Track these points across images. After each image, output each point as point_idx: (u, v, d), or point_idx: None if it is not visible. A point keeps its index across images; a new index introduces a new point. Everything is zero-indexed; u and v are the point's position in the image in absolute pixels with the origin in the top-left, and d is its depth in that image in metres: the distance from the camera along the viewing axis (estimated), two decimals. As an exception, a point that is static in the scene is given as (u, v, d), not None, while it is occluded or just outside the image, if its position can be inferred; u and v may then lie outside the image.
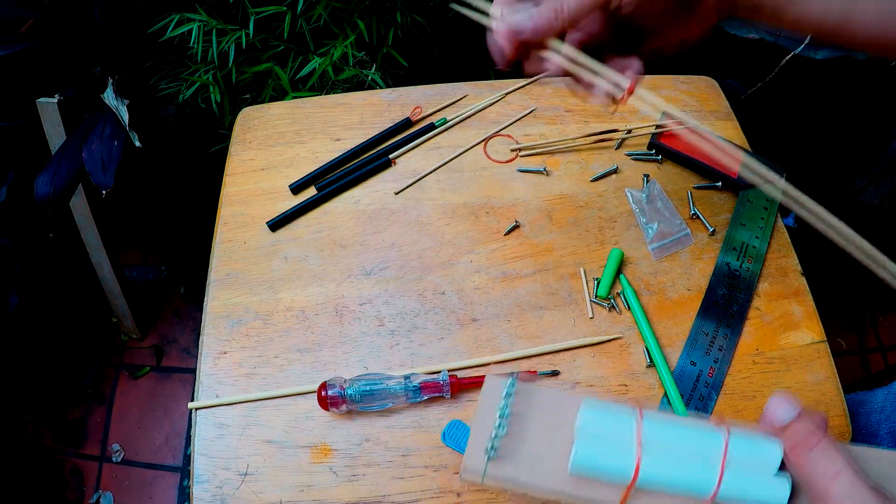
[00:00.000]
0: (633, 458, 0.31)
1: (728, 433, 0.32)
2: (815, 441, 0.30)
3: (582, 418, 0.33)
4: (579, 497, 0.32)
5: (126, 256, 1.27)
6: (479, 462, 0.32)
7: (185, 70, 0.88)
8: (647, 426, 0.32)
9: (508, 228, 0.56)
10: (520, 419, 0.34)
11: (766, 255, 0.55)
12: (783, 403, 0.32)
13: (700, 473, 0.31)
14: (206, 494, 0.45)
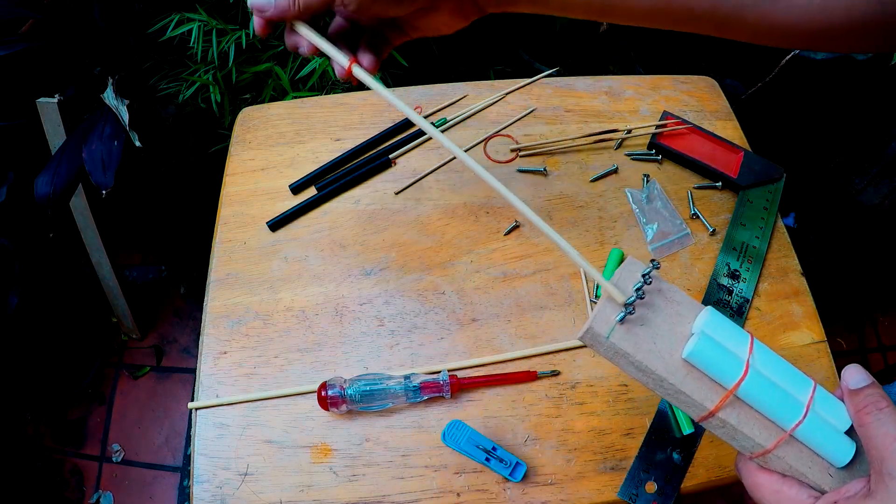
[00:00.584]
0: (741, 367, 0.33)
1: (815, 383, 0.34)
2: (884, 405, 0.32)
3: (707, 319, 0.35)
4: (681, 389, 0.34)
5: (126, 256, 1.27)
6: (607, 323, 0.34)
7: (185, 70, 0.88)
8: (757, 348, 0.35)
9: (508, 228, 0.56)
10: (648, 300, 0.36)
11: (766, 255, 0.55)
12: (858, 371, 0.34)
13: (788, 405, 0.33)
14: (206, 494, 0.45)
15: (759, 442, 0.34)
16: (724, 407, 0.34)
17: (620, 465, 0.46)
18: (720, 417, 0.34)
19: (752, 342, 0.35)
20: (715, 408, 0.34)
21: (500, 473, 0.45)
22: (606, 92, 0.65)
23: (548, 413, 0.48)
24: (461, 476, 0.45)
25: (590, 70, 0.90)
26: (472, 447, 0.44)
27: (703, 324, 0.35)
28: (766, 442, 0.34)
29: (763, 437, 0.34)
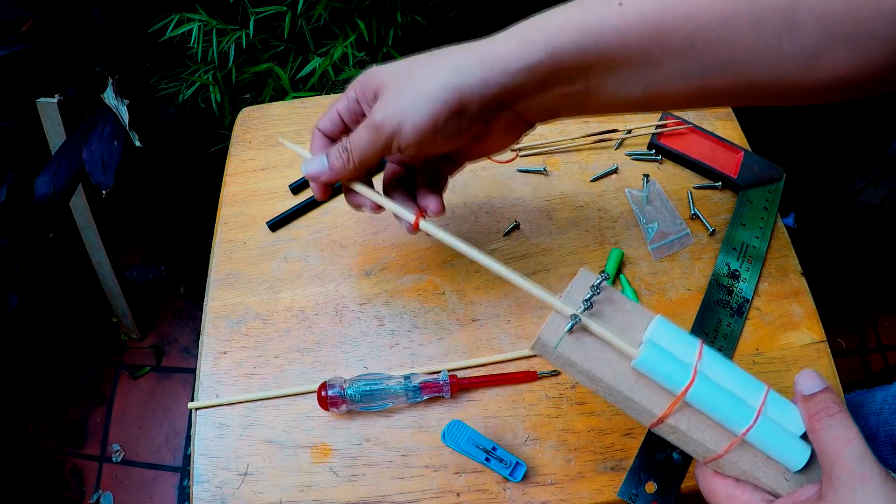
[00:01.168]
0: (689, 373, 0.34)
1: (767, 389, 0.35)
2: (836, 411, 0.32)
3: (653, 329, 0.36)
4: (629, 396, 0.35)
5: (126, 256, 1.27)
6: (556, 334, 0.36)
7: (185, 70, 0.88)
8: (707, 355, 0.35)
9: (508, 228, 0.56)
10: (598, 312, 0.37)
11: (766, 255, 0.55)
12: (811, 377, 0.34)
13: (739, 410, 0.34)
14: (206, 494, 0.45)
15: (711, 447, 0.34)
16: (674, 413, 0.34)
17: (620, 465, 0.46)
18: (670, 424, 0.34)
19: (700, 349, 0.35)
20: (664, 414, 0.34)
21: (500, 473, 0.45)
22: (606, 92, 0.65)
23: (548, 413, 0.48)
24: (461, 476, 0.45)
25: (590, 70, 0.90)
26: (472, 447, 0.44)
27: (651, 332, 0.36)
28: (717, 447, 0.34)
29: (714, 442, 0.34)
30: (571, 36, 0.34)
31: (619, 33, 0.34)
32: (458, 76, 0.36)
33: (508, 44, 0.35)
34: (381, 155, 0.39)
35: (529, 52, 0.35)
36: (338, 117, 0.43)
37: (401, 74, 0.38)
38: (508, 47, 0.35)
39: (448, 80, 0.36)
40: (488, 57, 0.36)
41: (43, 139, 0.88)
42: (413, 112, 0.36)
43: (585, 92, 0.36)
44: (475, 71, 0.35)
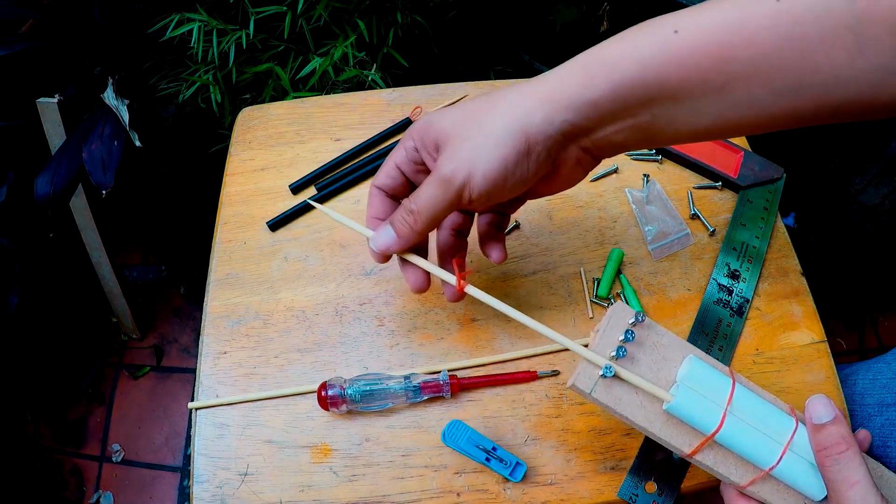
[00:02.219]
0: (718, 417, 0.35)
1: (797, 424, 0.36)
2: (844, 448, 0.33)
3: (686, 370, 0.37)
4: (662, 437, 0.36)
5: (126, 256, 1.27)
6: (591, 378, 0.37)
7: (185, 70, 0.88)
8: (737, 394, 0.36)
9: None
10: (633, 348, 0.38)
11: (766, 255, 0.55)
12: (822, 404, 0.35)
13: (766, 447, 0.35)
14: (206, 494, 0.45)
15: (735, 480, 0.36)
16: (701, 451, 0.36)
17: (620, 465, 0.46)
18: (697, 459, 0.36)
19: (732, 388, 0.37)
20: (691, 452, 0.36)
21: (500, 473, 0.45)
22: (606, 92, 0.65)
23: (548, 413, 0.48)
24: (461, 476, 0.45)
25: (590, 70, 0.90)
26: (472, 447, 0.44)
27: (683, 376, 0.37)
28: (741, 480, 0.36)
29: (738, 475, 0.36)
30: (632, 69, 0.33)
31: (678, 64, 0.33)
32: (521, 117, 0.35)
33: (569, 80, 0.35)
34: (452, 210, 0.38)
35: (591, 87, 0.34)
36: (397, 171, 0.41)
37: (462, 122, 0.36)
38: (570, 83, 0.35)
39: (512, 122, 0.35)
40: (550, 94, 0.35)
41: (43, 139, 0.88)
42: (482, 160, 0.35)
43: (651, 124, 0.35)
44: (538, 110, 0.35)
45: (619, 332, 0.38)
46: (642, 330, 0.38)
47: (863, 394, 0.54)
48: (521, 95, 0.35)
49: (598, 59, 0.34)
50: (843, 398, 0.49)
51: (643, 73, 0.33)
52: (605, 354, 0.37)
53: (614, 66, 0.34)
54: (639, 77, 0.33)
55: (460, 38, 1.06)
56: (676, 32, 0.33)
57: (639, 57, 0.33)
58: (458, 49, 1.07)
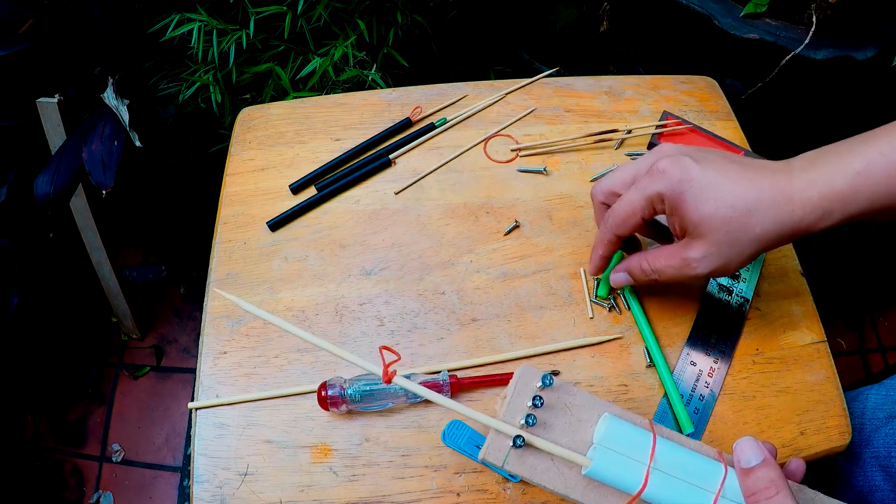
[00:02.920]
0: (642, 475, 0.34)
1: (726, 469, 0.35)
2: (774, 492, 0.32)
3: (603, 431, 0.35)
4: (585, 502, 0.35)
5: (126, 256, 1.27)
6: (502, 449, 0.35)
7: (185, 70, 0.88)
8: (659, 448, 0.35)
9: (508, 228, 0.56)
10: (545, 413, 0.36)
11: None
12: (749, 448, 0.34)
13: (697, 498, 0.34)
14: (206, 494, 0.45)
15: None
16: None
17: (620, 465, 0.46)
18: None
19: (654, 442, 0.35)
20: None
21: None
22: (606, 92, 0.65)
23: (548, 413, 0.48)
24: (461, 476, 0.45)
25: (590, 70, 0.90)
26: (472, 447, 0.44)
27: (600, 437, 0.35)
28: None
29: None
30: (862, 204, 0.38)
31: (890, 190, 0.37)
32: (772, 243, 0.40)
33: (811, 214, 0.39)
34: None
35: (827, 219, 0.39)
36: (640, 222, 0.44)
37: (720, 228, 0.40)
38: (811, 218, 0.39)
39: (763, 246, 0.40)
40: (794, 225, 0.39)
41: (43, 139, 0.88)
42: (732, 268, 0.42)
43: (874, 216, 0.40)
44: (782, 236, 0.40)
45: (527, 397, 0.36)
46: (552, 393, 0.37)
47: (874, 408, 0.54)
48: (774, 224, 0.39)
49: (836, 196, 0.38)
50: (844, 399, 0.49)
51: (871, 205, 0.38)
52: (514, 423, 0.35)
53: (848, 202, 0.38)
54: (867, 206, 0.38)
55: (460, 38, 1.06)
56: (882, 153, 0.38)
57: (869, 194, 0.38)
58: (458, 49, 1.07)
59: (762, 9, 0.83)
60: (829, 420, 0.48)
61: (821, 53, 0.82)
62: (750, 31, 0.83)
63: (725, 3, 0.85)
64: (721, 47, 0.87)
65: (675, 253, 0.43)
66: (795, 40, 0.82)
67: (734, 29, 0.83)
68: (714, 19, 0.84)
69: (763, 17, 0.84)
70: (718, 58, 0.89)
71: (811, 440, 0.47)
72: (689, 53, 0.94)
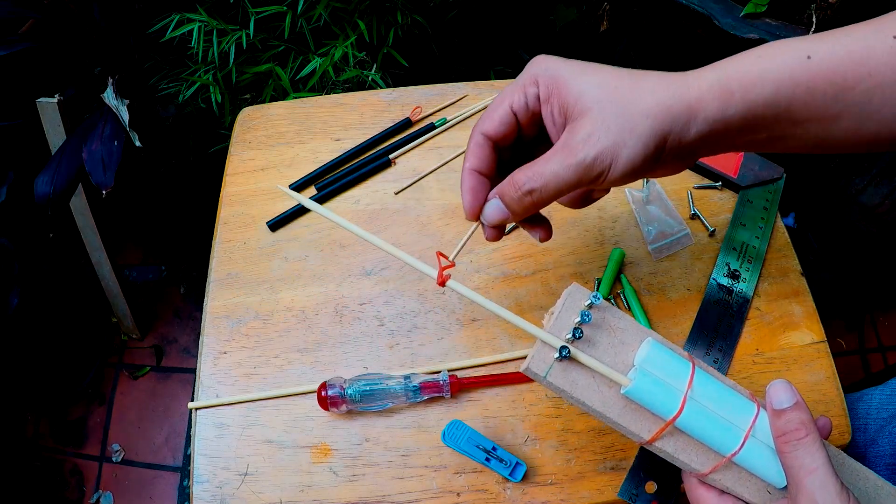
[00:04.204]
0: (678, 401, 0.34)
1: (759, 409, 0.35)
2: (803, 434, 0.32)
3: (644, 355, 0.36)
4: (620, 423, 0.35)
5: (126, 256, 1.27)
6: (546, 361, 0.35)
7: (185, 70, 0.88)
8: (697, 378, 0.35)
9: (509, 228, 0.56)
10: (590, 330, 0.36)
11: (766, 255, 0.55)
12: (783, 390, 0.34)
13: (728, 433, 0.34)
14: (206, 494, 0.45)
15: (695, 467, 0.35)
16: (661, 438, 0.35)
17: (620, 465, 0.46)
18: (657, 446, 0.35)
19: (692, 373, 0.35)
20: (651, 439, 0.35)
21: (500, 473, 0.45)
22: (606, 92, 0.65)
23: (548, 413, 0.48)
24: (461, 476, 0.45)
25: (590, 70, 0.90)
26: (472, 447, 0.44)
27: (642, 359, 0.36)
28: (702, 467, 0.35)
29: (699, 462, 0.35)
30: (767, 90, 0.34)
31: (808, 90, 0.34)
32: (667, 121, 0.34)
33: (708, 93, 0.35)
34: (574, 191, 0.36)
35: (728, 105, 0.34)
36: (512, 118, 0.37)
37: (603, 99, 0.34)
38: (709, 97, 0.34)
39: (658, 123, 0.34)
40: (689, 105, 0.34)
41: (43, 139, 0.88)
42: (625, 154, 0.34)
43: (764, 140, 0.36)
44: (681, 117, 0.34)
45: (574, 313, 0.36)
46: (599, 312, 0.36)
47: (879, 408, 0.54)
48: (667, 93, 0.35)
49: (736, 76, 0.35)
50: (844, 399, 0.49)
51: (776, 95, 0.34)
52: (560, 336, 0.35)
53: (751, 85, 0.34)
54: (771, 99, 0.34)
55: (460, 38, 1.06)
56: (809, 58, 0.34)
57: (774, 78, 0.34)
58: (458, 49, 1.07)
59: (762, 9, 0.83)
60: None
61: (821, 53, 0.82)
62: (750, 31, 0.83)
63: (725, 3, 0.85)
64: (721, 47, 0.87)
65: (554, 150, 0.35)
66: (795, 40, 0.82)
67: (734, 29, 0.83)
68: (714, 19, 0.84)
69: (763, 17, 0.84)
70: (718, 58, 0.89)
71: (811, 440, 0.47)
72: (689, 53, 0.94)
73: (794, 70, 0.34)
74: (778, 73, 0.34)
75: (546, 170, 0.35)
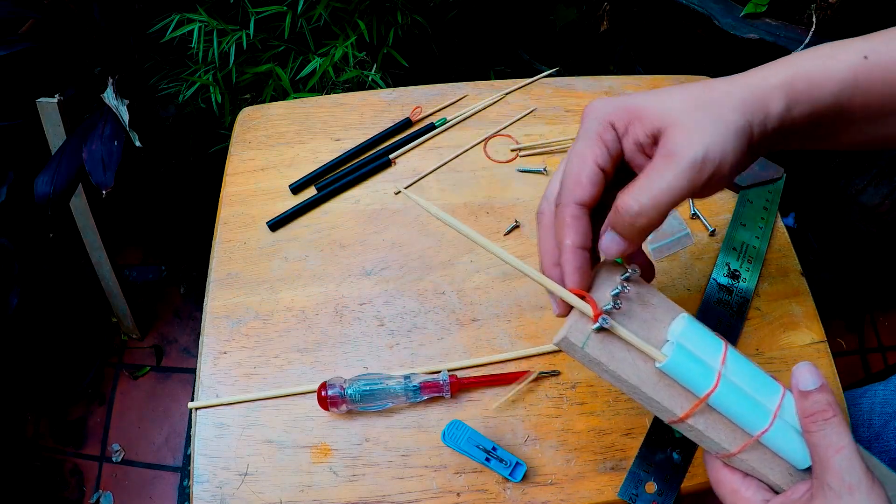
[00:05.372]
0: (713, 378, 0.34)
1: (784, 390, 0.35)
2: (831, 414, 0.33)
3: (679, 330, 0.36)
4: (654, 398, 0.35)
5: (126, 256, 1.27)
6: (583, 331, 0.35)
7: (185, 70, 0.88)
8: (730, 356, 0.35)
9: (508, 228, 0.56)
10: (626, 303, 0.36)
11: (766, 255, 0.55)
12: (809, 372, 0.34)
13: (757, 412, 0.34)
14: (206, 494, 0.45)
15: (725, 446, 0.35)
16: (693, 415, 0.35)
17: (620, 465, 0.46)
18: (688, 423, 0.35)
19: (725, 351, 0.36)
20: (684, 415, 0.35)
21: (500, 473, 0.45)
22: (606, 92, 0.65)
23: (548, 413, 0.48)
24: (461, 476, 0.45)
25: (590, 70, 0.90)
26: (472, 447, 0.44)
27: (678, 334, 0.36)
28: (731, 447, 0.35)
29: (728, 441, 0.35)
30: (831, 90, 0.35)
31: (865, 90, 0.35)
32: (751, 115, 0.34)
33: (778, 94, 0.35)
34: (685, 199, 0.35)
35: (796, 105, 0.35)
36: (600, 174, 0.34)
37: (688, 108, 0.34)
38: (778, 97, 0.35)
39: (744, 117, 0.34)
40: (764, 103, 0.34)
41: (43, 139, 0.88)
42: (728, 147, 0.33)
43: (823, 137, 0.37)
44: (759, 114, 0.34)
45: (609, 286, 0.35)
46: (633, 287, 0.36)
47: (883, 404, 0.54)
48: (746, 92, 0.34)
49: (803, 76, 0.35)
50: (844, 399, 0.49)
51: (838, 97, 0.35)
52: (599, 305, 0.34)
53: (816, 85, 0.35)
54: (834, 100, 0.35)
55: (460, 38, 1.06)
56: (866, 58, 0.35)
57: (838, 78, 0.35)
58: (458, 49, 1.07)
59: (762, 9, 0.83)
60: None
61: (821, 53, 0.82)
62: (750, 31, 0.83)
63: (725, 3, 0.85)
64: (721, 47, 0.87)
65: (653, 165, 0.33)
66: (795, 40, 0.82)
67: (734, 29, 0.83)
68: (714, 19, 0.84)
69: (763, 17, 0.84)
70: (718, 58, 0.89)
71: (811, 440, 0.47)
72: (689, 53, 0.94)
73: (853, 71, 0.35)
74: (840, 72, 0.35)
75: (653, 185, 0.33)
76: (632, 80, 0.67)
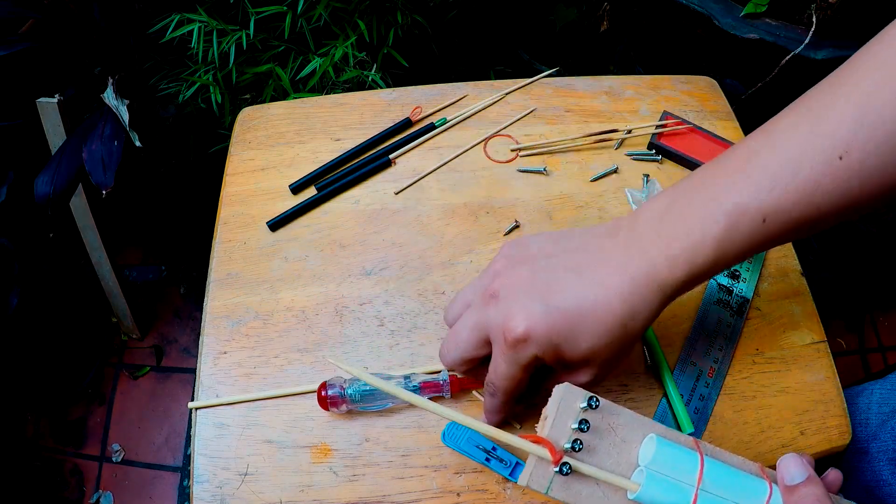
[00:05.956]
0: (690, 497, 0.33)
1: (771, 488, 0.34)
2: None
3: (650, 455, 0.34)
4: None
5: (126, 256, 1.27)
6: (545, 475, 0.34)
7: (185, 70, 0.88)
8: (706, 468, 0.34)
9: (508, 228, 0.56)
10: (589, 436, 0.35)
11: (766, 255, 0.55)
12: (795, 464, 0.34)
13: None
14: (206, 494, 0.45)
15: None
16: None
17: (620, 465, 0.46)
18: None
19: (701, 463, 0.34)
20: None
21: (500, 473, 0.45)
22: (606, 92, 0.65)
23: (548, 413, 0.48)
24: (461, 476, 0.45)
25: (590, 70, 0.90)
26: (472, 447, 0.44)
27: (648, 459, 0.34)
28: None
29: None
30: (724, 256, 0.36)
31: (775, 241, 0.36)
32: (629, 317, 0.37)
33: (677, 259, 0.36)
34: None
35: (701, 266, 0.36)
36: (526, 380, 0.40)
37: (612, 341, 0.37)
38: (677, 265, 0.36)
39: (649, 322, 0.38)
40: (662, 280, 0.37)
41: (43, 139, 0.88)
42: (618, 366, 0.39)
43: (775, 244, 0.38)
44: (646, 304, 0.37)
45: (570, 418, 0.35)
46: (595, 414, 0.35)
47: (880, 403, 0.54)
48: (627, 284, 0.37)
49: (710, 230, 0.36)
50: (844, 398, 0.49)
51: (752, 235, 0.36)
52: (558, 448, 0.34)
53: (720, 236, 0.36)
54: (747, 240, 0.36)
55: (460, 38, 1.06)
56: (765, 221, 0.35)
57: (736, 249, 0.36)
58: (458, 49, 1.07)
59: (762, 9, 0.83)
60: (830, 420, 0.48)
61: (821, 53, 0.82)
62: (750, 31, 0.83)
63: (725, 3, 0.85)
64: (721, 47, 0.87)
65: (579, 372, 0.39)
66: (795, 40, 0.82)
67: (734, 29, 0.83)
68: (714, 19, 0.84)
69: (763, 17, 0.84)
70: (718, 58, 0.89)
71: (811, 440, 0.47)
72: (689, 53, 0.94)
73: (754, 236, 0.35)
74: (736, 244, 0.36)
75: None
76: (632, 79, 0.67)
